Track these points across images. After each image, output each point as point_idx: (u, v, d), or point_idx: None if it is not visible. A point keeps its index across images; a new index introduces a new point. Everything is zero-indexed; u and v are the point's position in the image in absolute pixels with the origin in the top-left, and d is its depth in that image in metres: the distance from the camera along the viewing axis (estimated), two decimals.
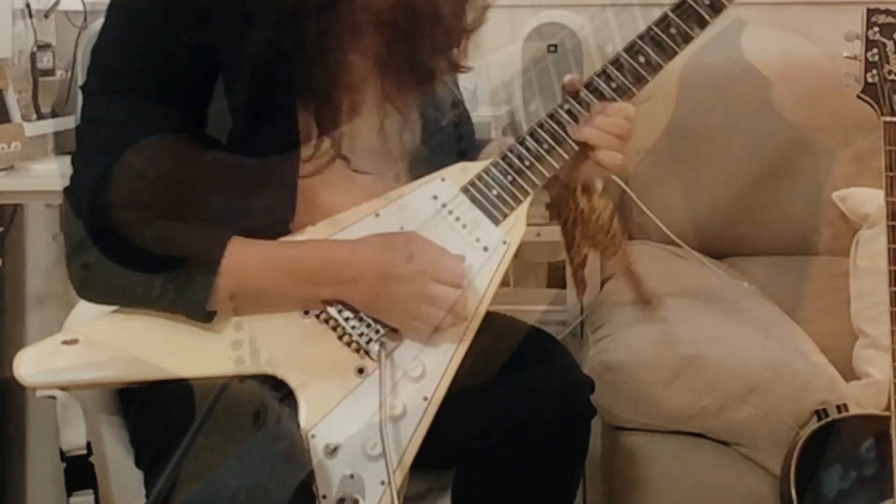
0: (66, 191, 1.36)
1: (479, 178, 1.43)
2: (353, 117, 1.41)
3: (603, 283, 2.18)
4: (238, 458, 1.21)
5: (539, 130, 1.44)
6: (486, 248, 1.41)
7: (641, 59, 1.44)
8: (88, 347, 1.33)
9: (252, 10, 1.32)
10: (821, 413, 1.68)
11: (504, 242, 1.41)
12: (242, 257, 1.34)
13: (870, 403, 1.77)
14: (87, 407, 1.39)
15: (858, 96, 1.65)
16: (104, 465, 1.41)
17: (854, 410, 1.68)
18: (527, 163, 1.43)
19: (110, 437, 1.44)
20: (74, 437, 1.36)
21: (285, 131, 1.38)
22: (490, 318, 1.45)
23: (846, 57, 1.66)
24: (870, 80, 1.64)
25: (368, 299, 1.37)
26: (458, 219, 1.42)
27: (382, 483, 1.30)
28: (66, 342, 1.34)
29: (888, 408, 1.63)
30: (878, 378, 1.89)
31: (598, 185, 1.53)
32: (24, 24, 2.35)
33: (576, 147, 1.44)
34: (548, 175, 1.44)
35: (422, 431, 1.34)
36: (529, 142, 1.44)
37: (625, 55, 1.44)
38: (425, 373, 1.36)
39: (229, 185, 1.37)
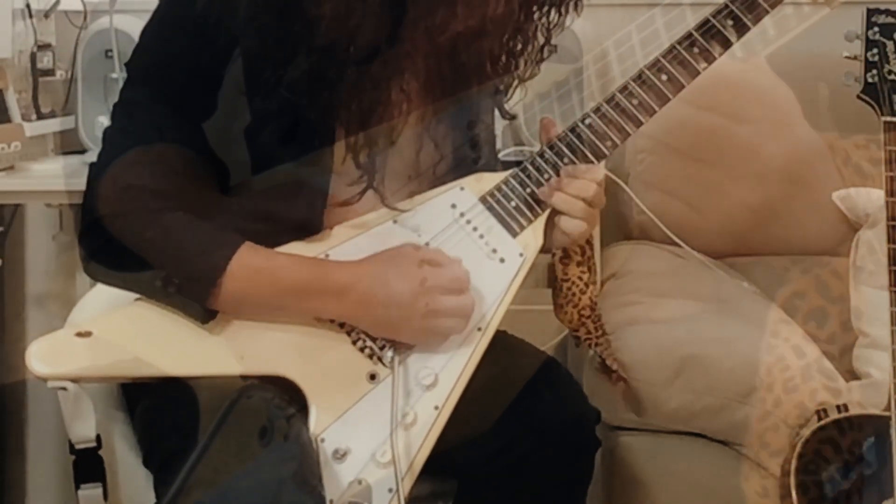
0: (91, 165, 1.36)
1: (499, 188, 1.41)
2: (390, 147, 1.38)
3: (603, 283, 2.18)
4: (247, 477, 1.20)
5: (559, 143, 1.41)
6: (502, 260, 1.40)
7: (664, 77, 1.41)
8: (103, 340, 1.32)
9: (304, 43, 1.29)
10: (821, 413, 1.68)
11: (521, 255, 1.40)
12: (250, 265, 1.32)
13: (870, 403, 1.77)
14: (97, 400, 1.38)
15: (858, 96, 1.65)
16: (113, 459, 1.41)
17: (854, 410, 1.69)
18: (546, 176, 1.40)
19: (120, 431, 1.43)
20: (84, 430, 1.35)
21: (320, 149, 1.35)
22: (504, 340, 1.44)
23: (846, 57, 1.66)
24: (870, 80, 1.63)
25: (382, 328, 1.35)
26: (475, 228, 1.41)
27: (390, 490, 1.29)
28: (79, 334, 1.32)
29: (888, 408, 1.62)
30: (878, 378, 1.89)
31: (578, 253, 1.50)
32: (24, 24, 2.35)
33: (594, 162, 1.41)
34: None
35: (431, 440, 1.33)
36: (549, 154, 1.41)
37: (648, 72, 1.41)
38: (437, 381, 1.35)
39: (258, 194, 1.36)
